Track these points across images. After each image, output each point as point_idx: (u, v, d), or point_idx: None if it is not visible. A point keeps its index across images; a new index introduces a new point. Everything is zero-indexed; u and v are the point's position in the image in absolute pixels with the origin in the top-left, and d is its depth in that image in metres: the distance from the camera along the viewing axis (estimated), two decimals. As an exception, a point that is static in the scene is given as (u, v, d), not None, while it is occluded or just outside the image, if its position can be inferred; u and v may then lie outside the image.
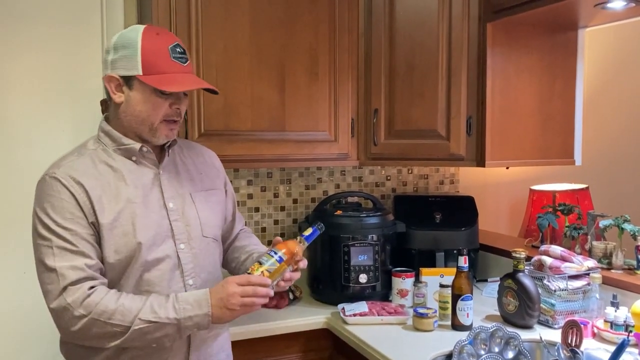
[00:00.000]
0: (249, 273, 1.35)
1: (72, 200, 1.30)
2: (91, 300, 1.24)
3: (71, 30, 2.07)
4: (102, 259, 1.32)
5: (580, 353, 1.47)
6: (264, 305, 1.96)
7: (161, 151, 1.46)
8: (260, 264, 1.36)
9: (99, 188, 1.33)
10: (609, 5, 1.76)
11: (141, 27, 1.37)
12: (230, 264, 1.66)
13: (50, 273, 1.26)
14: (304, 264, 1.44)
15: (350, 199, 2.37)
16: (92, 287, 1.26)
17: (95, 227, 1.31)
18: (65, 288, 1.24)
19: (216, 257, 1.54)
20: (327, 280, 2.06)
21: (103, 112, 1.96)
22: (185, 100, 1.43)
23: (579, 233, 2.07)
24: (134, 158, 1.41)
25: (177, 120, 1.42)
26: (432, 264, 2.13)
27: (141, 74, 1.33)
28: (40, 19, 2.03)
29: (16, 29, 2.00)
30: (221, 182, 1.60)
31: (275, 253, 1.37)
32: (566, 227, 2.13)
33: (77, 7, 2.07)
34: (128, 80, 1.35)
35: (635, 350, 1.51)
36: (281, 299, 2.01)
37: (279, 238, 1.46)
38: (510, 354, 1.58)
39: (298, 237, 1.44)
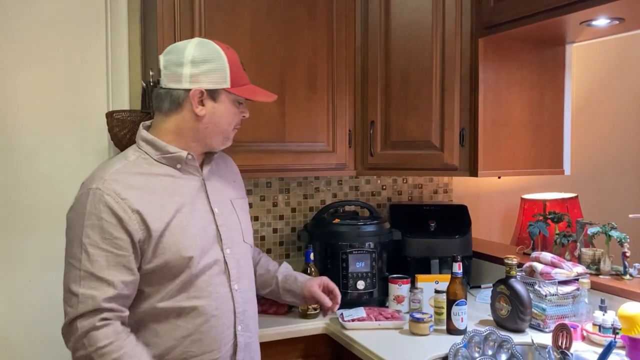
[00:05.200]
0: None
1: (114, 220, 1.26)
2: (96, 336, 1.23)
3: (77, 44, 2.11)
4: (146, 272, 1.30)
5: (570, 355, 1.51)
6: (264, 312, 2.03)
7: (199, 158, 1.46)
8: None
9: (146, 201, 1.30)
10: (593, 22, 1.82)
11: (209, 41, 1.39)
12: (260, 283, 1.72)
13: (71, 295, 1.26)
14: None
15: (347, 208, 2.42)
16: (103, 320, 1.24)
17: (142, 244, 1.29)
18: (81, 315, 1.24)
19: (252, 263, 1.56)
20: (326, 287, 2.11)
21: (108, 124, 2.02)
22: None
23: (568, 240, 2.12)
24: (178, 166, 1.39)
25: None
26: (427, 270, 2.18)
27: (229, 86, 1.37)
28: (47, 34, 2.07)
29: (22, 43, 2.04)
30: (244, 190, 1.64)
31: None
32: (556, 234, 2.18)
33: (83, 22, 2.12)
34: (213, 93, 1.37)
35: (622, 352, 1.56)
36: (280, 306, 2.06)
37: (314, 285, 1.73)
38: (504, 357, 1.63)
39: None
